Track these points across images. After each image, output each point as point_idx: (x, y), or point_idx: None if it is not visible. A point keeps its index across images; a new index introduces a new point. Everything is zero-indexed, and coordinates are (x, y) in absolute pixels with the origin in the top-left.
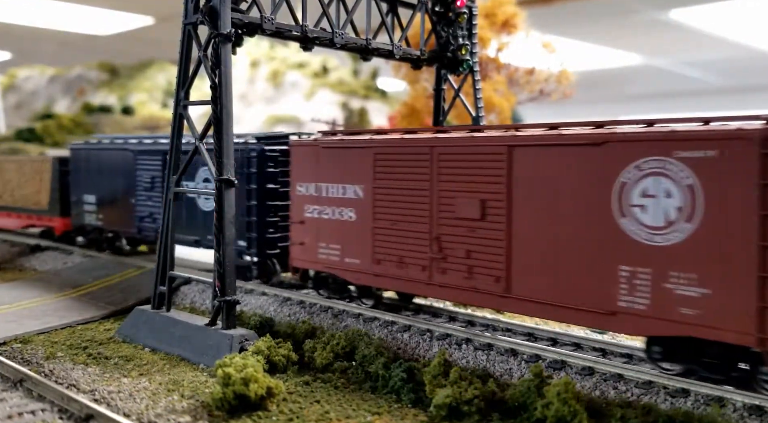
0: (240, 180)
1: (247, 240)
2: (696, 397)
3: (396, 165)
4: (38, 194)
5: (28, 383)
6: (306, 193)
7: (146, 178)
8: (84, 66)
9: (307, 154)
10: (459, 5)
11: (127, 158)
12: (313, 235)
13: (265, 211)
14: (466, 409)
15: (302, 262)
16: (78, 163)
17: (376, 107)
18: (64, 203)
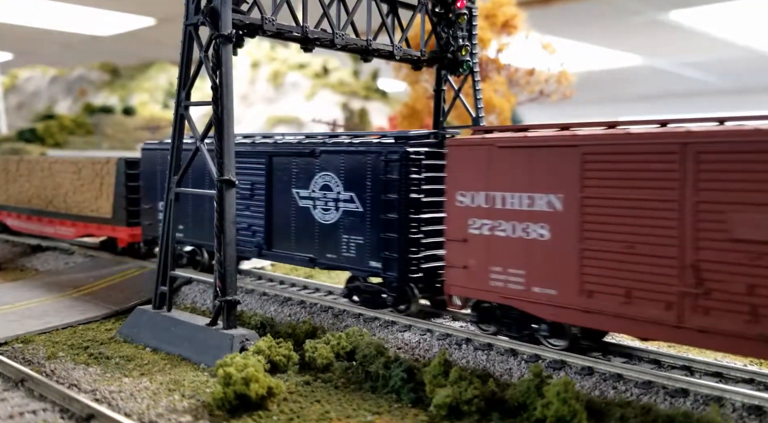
0: (372, 188)
1: (382, 260)
2: (695, 397)
3: (619, 168)
4: (98, 200)
5: (29, 383)
6: (471, 204)
7: (243, 184)
8: (85, 67)
9: (473, 155)
10: (459, 6)
11: (253, 163)
12: (481, 257)
13: (408, 226)
14: (466, 409)
15: (464, 289)
16: (152, 165)
17: (377, 108)
18: (132, 211)
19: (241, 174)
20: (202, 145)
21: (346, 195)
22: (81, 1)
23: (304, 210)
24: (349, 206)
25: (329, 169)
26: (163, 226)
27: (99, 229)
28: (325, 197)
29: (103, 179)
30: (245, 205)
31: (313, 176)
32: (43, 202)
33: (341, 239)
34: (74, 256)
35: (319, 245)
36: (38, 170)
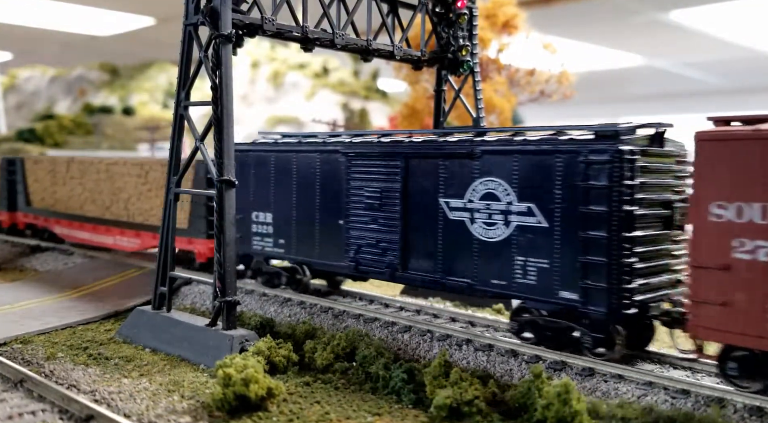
0: (563, 198)
1: (582, 291)
2: (696, 397)
3: None
4: None
5: (28, 384)
6: (737, 219)
7: (368, 192)
8: (85, 66)
9: (741, 153)
10: (459, 6)
11: (331, 163)
12: (755, 291)
13: (621, 248)
14: (467, 410)
15: (724, 334)
16: (242, 169)
17: (377, 108)
18: None
19: (365, 179)
20: (202, 145)
21: (522, 206)
22: (81, 1)
23: (457, 224)
24: (527, 220)
25: (495, 173)
26: (163, 227)
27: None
28: (489, 209)
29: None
30: (371, 217)
31: (470, 183)
32: (99, 208)
33: (513, 262)
34: (74, 257)
35: (479, 268)
36: (93, 172)
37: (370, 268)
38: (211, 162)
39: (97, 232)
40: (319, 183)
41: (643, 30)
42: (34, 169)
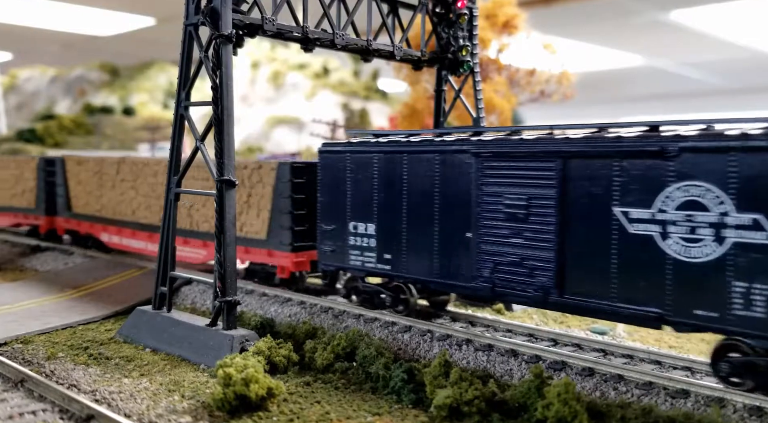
0: None
1: None
2: (696, 398)
3: None
4: (245, 216)
5: (29, 383)
6: None
7: (509, 199)
8: (85, 67)
9: None
10: (460, 6)
11: (456, 165)
12: None
13: None
14: (467, 410)
15: None
16: (338, 172)
17: (377, 108)
18: (299, 232)
19: (504, 184)
20: (202, 145)
21: (745, 218)
22: (81, 1)
23: (640, 239)
24: (753, 237)
25: (701, 176)
26: (163, 227)
27: (246, 253)
28: (691, 221)
29: (252, 189)
30: (513, 230)
31: (662, 188)
32: (155, 215)
33: (730, 288)
34: (74, 257)
35: (674, 295)
36: (149, 175)
37: (512, 290)
38: (211, 162)
39: (153, 240)
40: (439, 189)
41: (644, 30)
42: (77, 171)
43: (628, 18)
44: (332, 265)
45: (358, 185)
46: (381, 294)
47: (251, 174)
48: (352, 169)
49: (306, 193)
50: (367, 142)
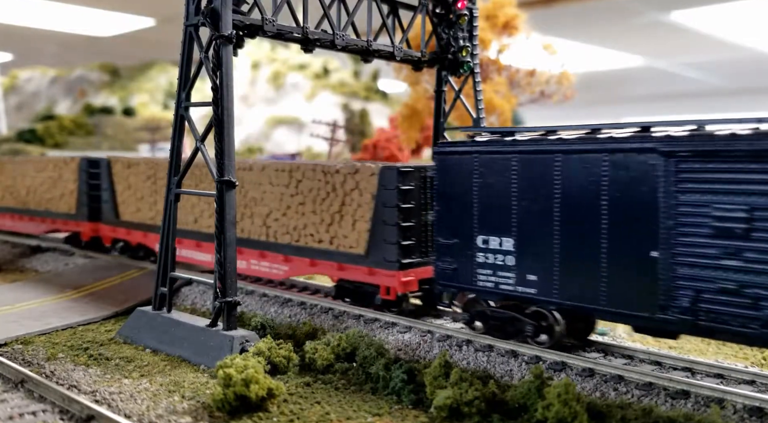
0: None
1: None
2: (696, 398)
3: None
4: (337, 227)
5: (29, 384)
6: None
7: (720, 210)
8: (85, 67)
9: None
10: (460, 7)
11: (633, 167)
12: None
13: None
14: (467, 411)
15: None
16: (460, 176)
17: (377, 108)
18: (407, 247)
19: (713, 191)
20: (202, 146)
21: None
22: (81, 2)
23: None
24: None
25: None
26: (163, 227)
27: (340, 269)
28: None
29: (346, 197)
30: (726, 249)
31: None
32: None
33: None
34: (74, 258)
35: None
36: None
37: (724, 325)
38: (211, 162)
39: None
40: (608, 196)
41: (644, 31)
42: (126, 174)
43: (629, 18)
44: (453, 286)
45: (490, 192)
46: (520, 322)
47: (344, 180)
48: (480, 173)
49: (415, 201)
50: (499, 140)
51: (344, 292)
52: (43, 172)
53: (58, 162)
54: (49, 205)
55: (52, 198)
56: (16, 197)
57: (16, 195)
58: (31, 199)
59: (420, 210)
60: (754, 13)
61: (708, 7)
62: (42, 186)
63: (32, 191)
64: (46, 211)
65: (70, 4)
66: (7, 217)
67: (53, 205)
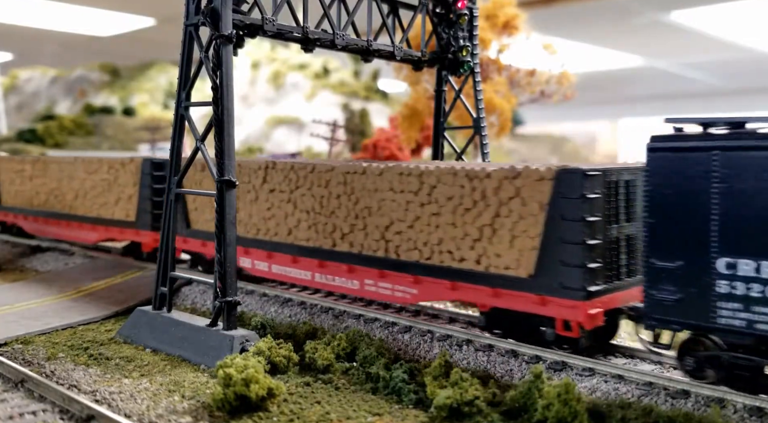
0: None
1: None
2: (696, 398)
3: None
4: (494, 241)
5: (29, 384)
6: None
7: None
8: (85, 67)
9: None
10: (460, 7)
11: None
12: None
13: None
14: (467, 410)
15: None
16: (687, 179)
17: (377, 108)
18: (595, 272)
19: None
20: (202, 145)
21: None
22: (81, 2)
23: None
24: None
25: None
26: (163, 228)
27: (494, 296)
28: None
29: (502, 208)
30: None
31: None
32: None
33: None
34: (74, 257)
35: None
36: (316, 184)
37: None
38: (212, 162)
39: (326, 270)
40: None
41: (644, 31)
42: (198, 178)
43: (629, 19)
44: (675, 322)
45: (741, 201)
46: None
47: (499, 186)
48: (724, 175)
49: (601, 213)
50: (756, 134)
51: (498, 323)
52: (96, 174)
53: (115, 163)
54: (102, 211)
55: (106, 203)
56: (61, 201)
57: (61, 199)
58: (80, 204)
59: (606, 223)
60: (754, 13)
61: (708, 7)
62: (94, 190)
63: (81, 195)
64: (98, 217)
65: (70, 4)
66: (52, 224)
67: (107, 211)
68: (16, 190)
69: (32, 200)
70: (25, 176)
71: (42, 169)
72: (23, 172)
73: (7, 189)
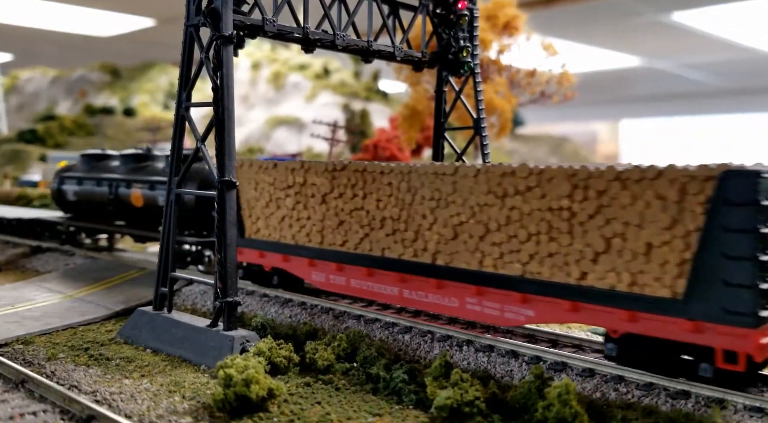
0: None
1: None
2: (697, 399)
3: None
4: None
5: (29, 384)
6: None
7: None
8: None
9: None
10: (460, 7)
11: None
12: None
13: None
14: (467, 411)
15: None
16: None
17: (378, 109)
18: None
19: None
20: (203, 146)
21: None
22: (81, 2)
23: None
24: None
25: None
26: (163, 228)
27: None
28: None
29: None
30: None
31: None
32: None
33: None
34: (75, 258)
35: None
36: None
37: None
38: (212, 163)
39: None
40: None
41: (645, 31)
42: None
43: (630, 19)
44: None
45: None
46: None
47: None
48: None
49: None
50: None
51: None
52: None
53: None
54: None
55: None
56: (423, 241)
57: (423, 238)
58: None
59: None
60: (755, 13)
61: (709, 7)
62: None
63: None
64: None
65: (70, 4)
66: (387, 279)
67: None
68: (284, 215)
69: (328, 234)
70: (305, 194)
71: (360, 183)
72: (304, 188)
73: (260, 213)
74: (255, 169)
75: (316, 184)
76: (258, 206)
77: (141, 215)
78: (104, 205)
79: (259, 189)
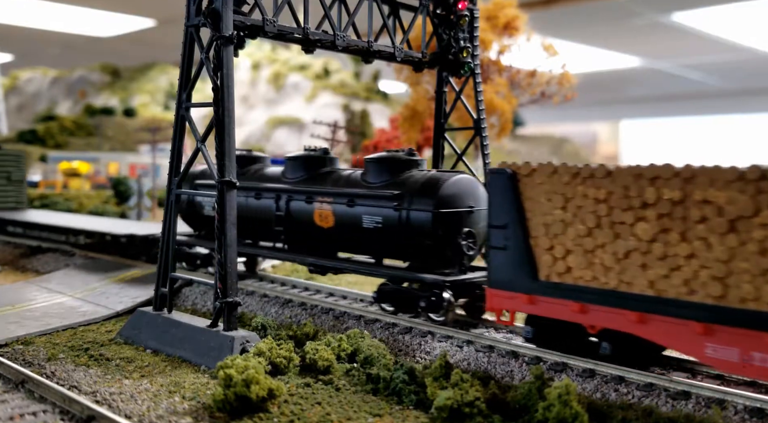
0: None
1: None
2: (697, 399)
3: None
4: None
5: (29, 384)
6: None
7: None
8: (86, 68)
9: None
10: (460, 8)
11: None
12: None
13: None
14: (468, 411)
15: None
16: None
17: (378, 109)
18: None
19: None
20: (203, 146)
21: None
22: (82, 3)
23: None
24: None
25: None
26: (164, 228)
27: None
28: None
29: None
30: None
31: None
32: None
33: None
34: (75, 258)
35: None
36: None
37: None
38: (212, 163)
39: None
40: None
41: (645, 32)
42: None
43: (630, 20)
44: None
45: None
46: None
47: None
48: None
49: None
50: None
51: None
52: None
53: None
54: None
55: None
56: None
57: None
58: None
59: None
60: (754, 14)
61: (709, 8)
62: None
63: None
64: None
65: (70, 5)
66: None
67: None
68: (631, 249)
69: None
70: (683, 217)
71: None
72: (680, 208)
73: (574, 244)
74: (564, 179)
75: (715, 201)
76: (569, 234)
77: (328, 239)
78: (266, 224)
79: (573, 208)
